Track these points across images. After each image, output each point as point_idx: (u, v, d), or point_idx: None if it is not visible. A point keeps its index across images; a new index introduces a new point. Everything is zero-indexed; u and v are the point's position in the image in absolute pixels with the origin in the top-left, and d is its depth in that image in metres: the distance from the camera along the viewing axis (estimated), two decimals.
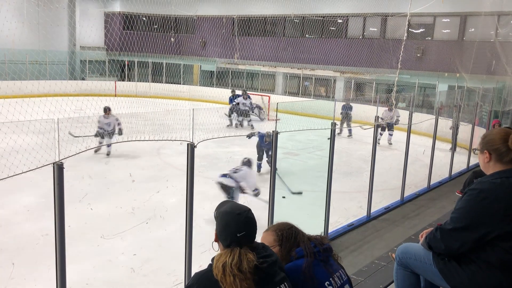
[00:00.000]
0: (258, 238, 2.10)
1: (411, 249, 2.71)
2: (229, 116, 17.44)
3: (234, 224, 1.95)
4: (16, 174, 3.62)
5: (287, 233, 2.26)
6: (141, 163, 10.72)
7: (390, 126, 14.32)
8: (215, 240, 2.04)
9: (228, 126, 17.04)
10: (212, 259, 1.95)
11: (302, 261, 2.16)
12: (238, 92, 19.49)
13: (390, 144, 14.33)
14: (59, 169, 3.33)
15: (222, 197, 8.24)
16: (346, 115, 15.71)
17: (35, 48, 22.76)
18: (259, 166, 10.55)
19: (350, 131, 15.82)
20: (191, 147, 4.23)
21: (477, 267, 2.32)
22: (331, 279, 2.14)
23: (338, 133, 15.04)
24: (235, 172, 7.78)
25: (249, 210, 2.02)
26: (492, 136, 2.39)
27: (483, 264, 2.30)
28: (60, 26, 24.37)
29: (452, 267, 2.42)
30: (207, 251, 2.08)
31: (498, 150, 2.33)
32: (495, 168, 2.36)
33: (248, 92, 19.71)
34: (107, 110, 10.76)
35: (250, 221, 1.99)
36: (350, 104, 16.03)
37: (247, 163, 8.23)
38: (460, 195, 5.51)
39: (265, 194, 6.17)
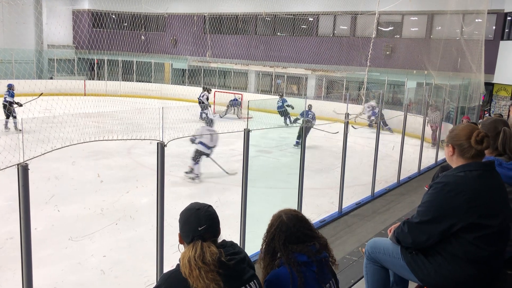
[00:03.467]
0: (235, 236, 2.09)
1: (380, 243, 2.75)
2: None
3: (194, 218, 1.98)
4: None
5: (267, 231, 2.23)
6: (110, 163, 10.53)
7: None
8: (180, 242, 2.06)
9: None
10: (180, 259, 1.94)
11: (282, 269, 2.12)
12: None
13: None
14: (23, 171, 3.24)
15: (195, 196, 8.20)
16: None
17: (0, 46, 22.07)
18: None
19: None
20: (161, 146, 4.17)
21: (443, 259, 2.37)
22: None
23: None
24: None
25: (210, 205, 2.05)
26: (457, 131, 2.46)
27: (448, 256, 2.35)
28: (26, 24, 23.69)
29: (419, 260, 2.46)
30: (178, 251, 2.07)
31: (461, 145, 2.40)
32: (458, 162, 2.42)
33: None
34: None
35: (210, 215, 2.01)
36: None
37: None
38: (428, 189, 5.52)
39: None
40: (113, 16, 26.20)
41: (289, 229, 2.16)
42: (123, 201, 7.75)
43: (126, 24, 26.38)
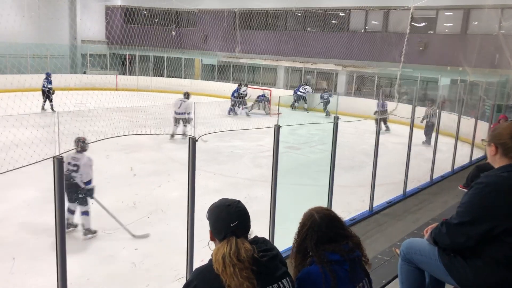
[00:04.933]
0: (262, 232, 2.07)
1: (415, 244, 2.68)
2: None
3: (226, 215, 1.97)
4: (16, 168, 3.59)
5: (298, 230, 2.20)
6: (142, 157, 10.68)
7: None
8: (211, 239, 2.04)
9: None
10: (212, 255, 1.93)
11: (313, 268, 2.09)
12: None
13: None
14: (59, 163, 3.29)
15: (224, 191, 8.23)
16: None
17: (36, 41, 22.67)
18: None
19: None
20: (193, 141, 4.18)
21: (483, 262, 2.29)
22: None
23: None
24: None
25: (239, 201, 2.04)
26: (500, 130, 2.38)
27: (488, 259, 2.28)
28: (61, 20, 24.30)
29: (457, 262, 2.39)
30: (208, 248, 2.06)
31: (504, 144, 2.31)
32: (501, 162, 2.34)
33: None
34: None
35: (241, 211, 2.00)
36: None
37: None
38: (463, 189, 5.50)
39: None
40: (145, 12, 26.55)
41: (322, 229, 2.13)
42: (155, 195, 7.84)
43: (157, 20, 26.67)
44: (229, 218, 1.95)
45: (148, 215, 6.90)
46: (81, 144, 5.87)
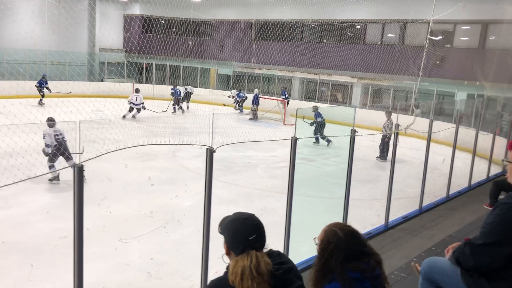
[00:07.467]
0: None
1: (437, 263, 2.64)
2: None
3: (244, 228, 1.96)
4: (37, 176, 3.64)
5: (322, 248, 2.15)
6: (157, 165, 10.73)
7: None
8: (226, 253, 2.02)
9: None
10: (228, 267, 1.93)
11: (334, 286, 2.06)
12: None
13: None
14: (79, 172, 3.31)
15: (238, 201, 8.23)
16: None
17: (56, 49, 23.06)
18: None
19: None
20: (210, 152, 4.19)
21: (508, 285, 2.24)
22: None
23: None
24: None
25: (254, 214, 2.04)
26: None
27: None
28: (80, 28, 24.70)
29: (481, 284, 2.35)
30: (222, 259, 2.05)
31: None
32: None
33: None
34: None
35: (258, 224, 2.00)
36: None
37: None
38: (489, 207, 5.39)
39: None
40: (163, 22, 26.84)
41: (348, 247, 2.08)
42: (171, 204, 7.86)
43: (174, 29, 26.94)
44: (247, 232, 1.94)
45: (165, 225, 6.91)
46: (51, 122, 8.52)
